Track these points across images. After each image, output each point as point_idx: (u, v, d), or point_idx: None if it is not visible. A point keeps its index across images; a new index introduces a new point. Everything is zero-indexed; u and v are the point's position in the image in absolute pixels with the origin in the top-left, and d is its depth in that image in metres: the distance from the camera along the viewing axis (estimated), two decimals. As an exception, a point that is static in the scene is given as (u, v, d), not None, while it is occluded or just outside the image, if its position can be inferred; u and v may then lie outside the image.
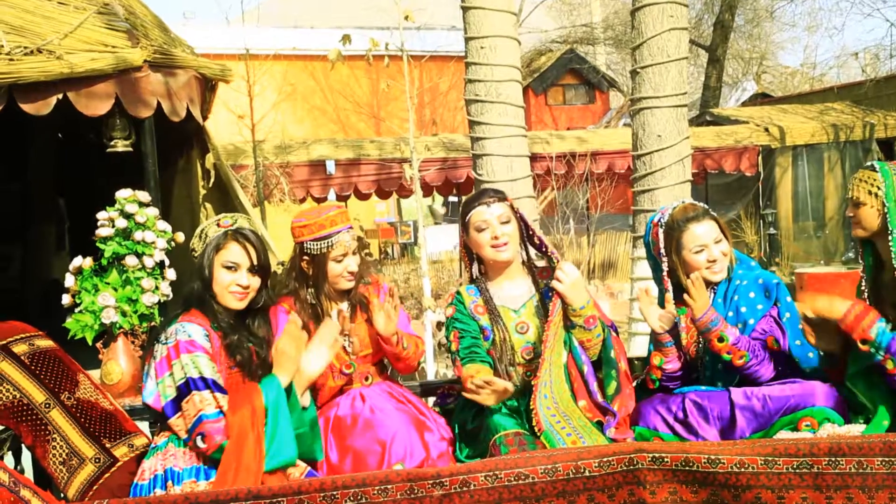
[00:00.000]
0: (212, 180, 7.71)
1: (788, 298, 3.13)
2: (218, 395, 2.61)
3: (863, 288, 3.05)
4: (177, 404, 2.63)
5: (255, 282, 2.89)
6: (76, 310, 5.65)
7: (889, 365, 2.72)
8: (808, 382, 2.99)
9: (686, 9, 4.80)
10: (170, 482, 2.58)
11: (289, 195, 11.70)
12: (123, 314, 5.64)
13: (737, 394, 3.00)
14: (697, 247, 3.22)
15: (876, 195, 2.89)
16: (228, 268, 2.85)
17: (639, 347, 4.85)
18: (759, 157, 14.86)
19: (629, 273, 5.48)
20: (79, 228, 11.85)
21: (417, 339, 3.28)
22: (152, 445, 2.76)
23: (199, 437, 2.57)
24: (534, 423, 2.92)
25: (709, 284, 3.25)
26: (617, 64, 26.79)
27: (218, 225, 2.88)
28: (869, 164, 3.00)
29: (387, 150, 12.31)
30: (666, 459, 2.22)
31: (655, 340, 3.23)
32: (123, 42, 5.83)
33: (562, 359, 3.08)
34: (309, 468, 2.79)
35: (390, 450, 2.83)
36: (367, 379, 3.16)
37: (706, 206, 3.29)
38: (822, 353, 3.04)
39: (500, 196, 3.20)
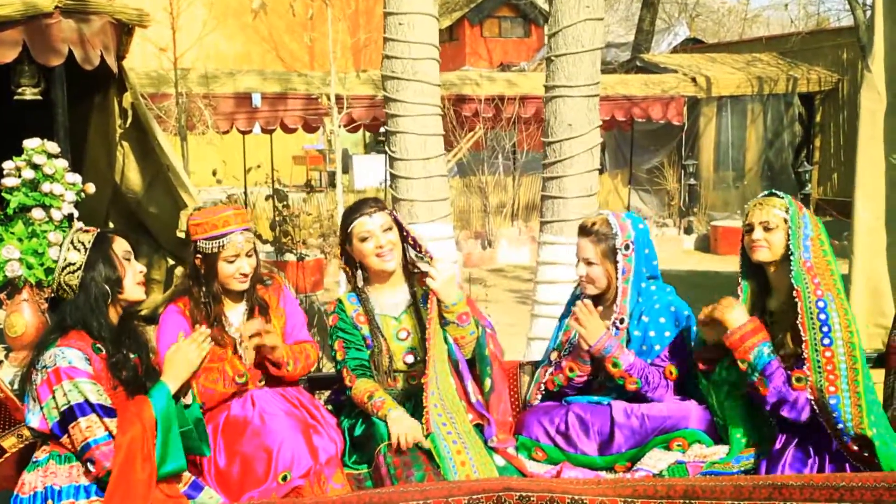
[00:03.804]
0: (129, 120, 7.53)
1: (695, 329, 3.22)
2: (106, 419, 2.61)
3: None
4: (63, 427, 2.63)
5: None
6: (-22, 260, 5.54)
7: (761, 387, 2.88)
8: (684, 404, 3.16)
9: (602, -1, 4.82)
10: (49, 501, 2.60)
11: (213, 127, 11.49)
12: (29, 267, 5.56)
13: (618, 411, 3.15)
14: (576, 258, 3.33)
15: (786, 220, 2.97)
16: (128, 259, 2.87)
17: (541, 329, 4.97)
18: (685, 107, 15.06)
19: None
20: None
21: (308, 347, 3.33)
22: (34, 459, 2.74)
23: (88, 463, 2.59)
24: (423, 422, 3.02)
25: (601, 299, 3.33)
26: (555, -2, 26.49)
27: (86, 231, 2.85)
28: (768, 192, 3.10)
29: (315, 86, 12.13)
30: (532, 498, 2.33)
31: (576, 352, 3.27)
32: (33, -14, 5.59)
33: (445, 354, 3.19)
34: (194, 478, 2.86)
35: (277, 457, 2.89)
36: (260, 380, 3.19)
37: (602, 226, 3.27)
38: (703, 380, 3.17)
39: (380, 206, 3.29)
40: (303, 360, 3.24)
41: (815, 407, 2.82)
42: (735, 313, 2.96)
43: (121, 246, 2.88)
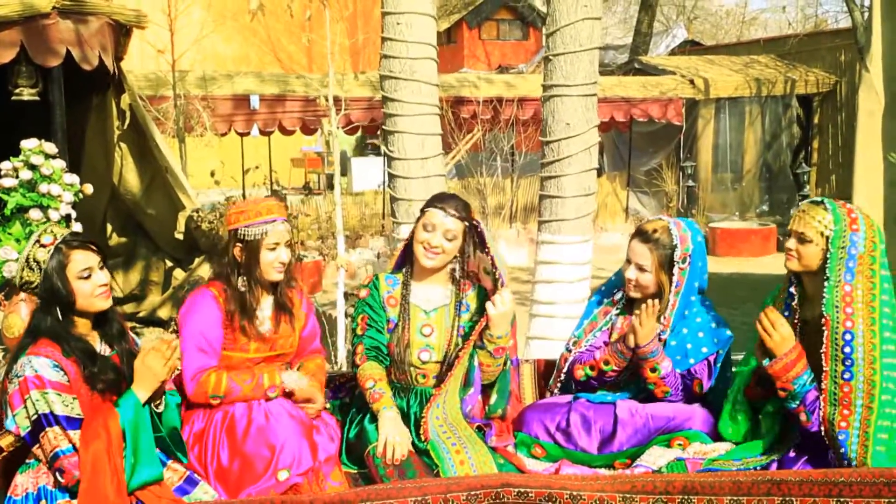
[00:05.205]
0: (127, 121, 7.53)
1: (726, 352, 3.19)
2: (69, 431, 2.59)
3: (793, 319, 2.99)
4: (34, 437, 2.62)
5: (108, 275, 2.86)
6: (-24, 261, 5.53)
7: (803, 417, 2.80)
8: (689, 406, 3.16)
9: (600, -1, 4.83)
10: (43, 501, 2.60)
11: (211, 129, 11.49)
12: (27, 267, 5.54)
13: (622, 410, 3.13)
14: (627, 259, 3.28)
15: (828, 238, 2.82)
16: (85, 277, 2.77)
17: (539, 328, 4.97)
18: (683, 109, 15.07)
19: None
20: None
21: (321, 362, 3.37)
22: (26, 461, 2.73)
23: (57, 473, 2.58)
24: (421, 432, 3.03)
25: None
26: (553, 0, 26.55)
27: (43, 246, 2.76)
28: (819, 199, 2.92)
29: (313, 87, 12.13)
30: (530, 494, 2.33)
31: (619, 349, 3.21)
32: (30, -13, 5.60)
33: (462, 373, 3.18)
34: (189, 472, 2.85)
35: (279, 456, 2.89)
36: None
37: (663, 234, 3.21)
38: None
39: (462, 214, 3.21)
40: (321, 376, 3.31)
41: (824, 436, 2.76)
42: (786, 342, 2.80)
43: (78, 264, 2.77)
